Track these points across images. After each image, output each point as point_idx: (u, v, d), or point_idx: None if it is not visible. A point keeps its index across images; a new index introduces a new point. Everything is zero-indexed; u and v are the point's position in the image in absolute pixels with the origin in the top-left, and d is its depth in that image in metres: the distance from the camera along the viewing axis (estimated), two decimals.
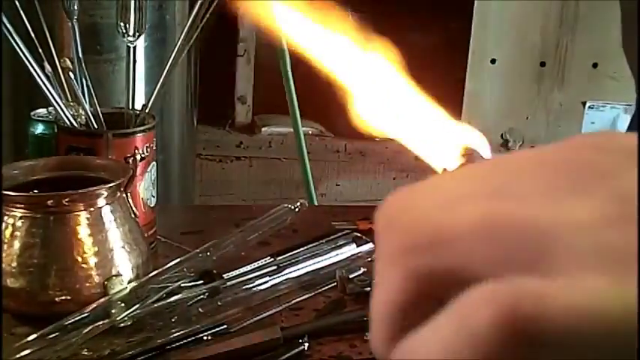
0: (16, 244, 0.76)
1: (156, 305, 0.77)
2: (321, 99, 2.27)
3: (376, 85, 0.41)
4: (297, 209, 0.98)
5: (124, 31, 0.93)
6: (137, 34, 0.93)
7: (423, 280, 0.25)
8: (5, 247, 0.76)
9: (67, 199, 0.77)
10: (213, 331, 0.75)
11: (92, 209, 0.78)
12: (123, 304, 0.75)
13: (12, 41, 0.86)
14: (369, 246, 0.94)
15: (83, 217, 0.78)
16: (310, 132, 2.39)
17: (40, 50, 0.94)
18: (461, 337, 0.22)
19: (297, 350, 0.73)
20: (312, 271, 0.87)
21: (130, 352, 0.71)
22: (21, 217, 0.76)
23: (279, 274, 0.85)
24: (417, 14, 2.37)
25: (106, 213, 0.79)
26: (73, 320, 0.72)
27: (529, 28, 2.42)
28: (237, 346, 0.72)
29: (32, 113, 1.00)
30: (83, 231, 0.77)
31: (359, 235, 0.97)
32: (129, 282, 0.79)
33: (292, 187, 2.40)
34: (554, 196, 0.24)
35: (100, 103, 0.95)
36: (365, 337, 0.76)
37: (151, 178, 0.94)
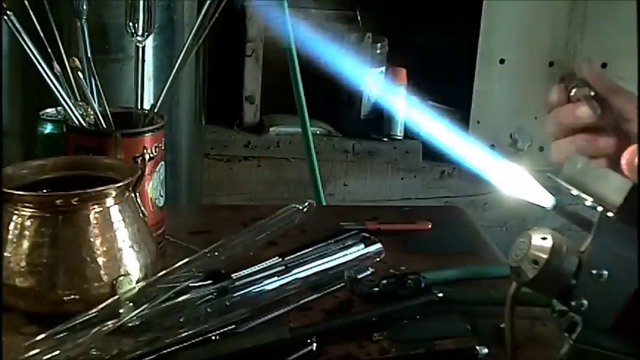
0: (25, 244, 0.76)
1: (164, 305, 0.77)
2: (329, 99, 2.27)
3: (383, 85, 0.41)
4: (305, 209, 0.98)
5: (133, 31, 0.93)
6: (146, 34, 0.93)
7: None
8: (14, 246, 0.76)
9: (75, 199, 0.77)
10: (222, 331, 0.75)
11: (101, 209, 0.78)
12: (131, 304, 0.75)
13: (21, 41, 0.87)
14: (377, 246, 0.94)
15: (92, 216, 0.78)
16: (318, 132, 2.38)
17: (49, 50, 0.94)
18: None
19: (305, 350, 0.73)
20: (321, 271, 0.87)
21: (139, 352, 0.71)
22: (30, 217, 0.76)
23: (287, 275, 0.85)
24: (425, 14, 2.36)
25: (115, 213, 0.79)
26: (81, 320, 0.72)
27: (538, 28, 2.41)
28: (245, 346, 0.72)
29: (41, 113, 1.00)
30: (92, 230, 0.77)
31: (367, 235, 0.97)
32: (137, 282, 0.79)
33: (300, 187, 2.39)
34: None
35: (109, 102, 0.95)
36: (373, 338, 0.76)
37: (160, 178, 0.94)
